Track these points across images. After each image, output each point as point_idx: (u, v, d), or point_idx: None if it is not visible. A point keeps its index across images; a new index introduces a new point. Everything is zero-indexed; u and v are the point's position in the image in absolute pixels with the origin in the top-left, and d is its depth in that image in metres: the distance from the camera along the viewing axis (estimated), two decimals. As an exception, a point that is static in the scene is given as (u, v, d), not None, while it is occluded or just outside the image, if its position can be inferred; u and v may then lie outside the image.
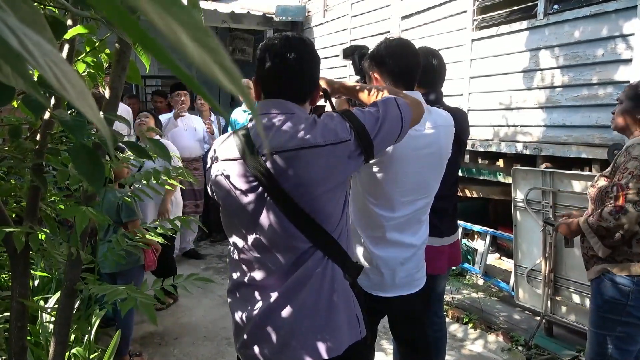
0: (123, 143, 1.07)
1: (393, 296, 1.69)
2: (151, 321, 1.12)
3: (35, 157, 1.18)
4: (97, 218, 1.15)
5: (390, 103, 1.26)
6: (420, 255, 1.75)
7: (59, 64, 0.28)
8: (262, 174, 1.15)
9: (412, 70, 1.62)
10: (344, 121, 1.19)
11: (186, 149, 4.61)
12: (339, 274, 1.23)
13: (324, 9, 6.12)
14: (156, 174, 1.48)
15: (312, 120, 1.19)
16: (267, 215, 1.17)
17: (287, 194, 1.14)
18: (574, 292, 3.03)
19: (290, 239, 1.18)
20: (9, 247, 1.20)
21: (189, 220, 1.59)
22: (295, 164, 1.13)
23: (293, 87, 1.23)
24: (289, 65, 1.20)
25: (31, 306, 1.32)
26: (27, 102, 0.85)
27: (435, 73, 2.10)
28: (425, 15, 4.42)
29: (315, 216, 1.17)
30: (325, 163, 1.15)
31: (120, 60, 1.22)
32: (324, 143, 1.14)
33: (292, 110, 1.21)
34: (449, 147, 1.71)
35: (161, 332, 3.32)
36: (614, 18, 2.92)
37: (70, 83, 0.28)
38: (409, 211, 1.64)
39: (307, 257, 1.19)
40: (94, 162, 0.88)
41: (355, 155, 1.18)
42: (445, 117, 1.71)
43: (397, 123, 1.24)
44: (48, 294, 2.57)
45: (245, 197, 1.19)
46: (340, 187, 1.21)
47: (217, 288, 4.06)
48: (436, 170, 1.68)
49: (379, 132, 1.20)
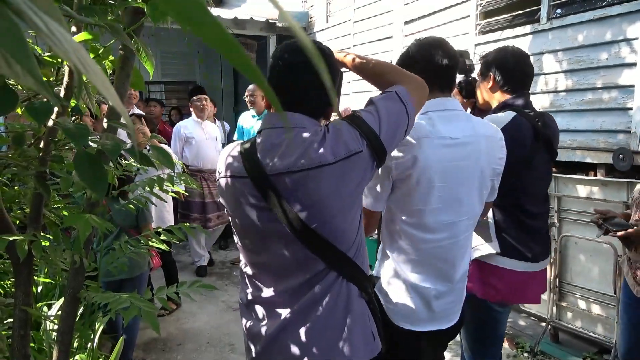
0: (126, 151, 1.06)
1: (424, 330, 1.47)
2: (154, 329, 1.11)
3: (39, 165, 1.18)
4: (100, 226, 1.14)
5: (391, 98, 1.17)
6: (460, 289, 1.54)
7: (79, 50, 0.29)
8: (271, 194, 1.08)
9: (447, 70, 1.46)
10: (353, 129, 1.10)
11: (208, 160, 4.41)
12: (354, 292, 1.16)
13: (326, 14, 6.14)
14: (159, 181, 1.47)
15: (322, 135, 1.10)
16: (278, 236, 1.11)
17: (297, 216, 1.07)
18: (580, 298, 3.01)
19: (302, 261, 1.12)
20: (12, 255, 1.20)
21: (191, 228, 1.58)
22: (305, 185, 1.06)
23: (308, 100, 1.13)
24: (304, 77, 1.11)
25: (34, 314, 1.32)
26: (31, 109, 0.84)
27: (515, 75, 1.88)
28: (428, 20, 4.42)
29: (329, 237, 1.10)
30: (338, 181, 1.07)
31: (124, 67, 1.22)
32: (334, 160, 1.06)
33: (302, 123, 1.12)
34: (492, 161, 1.48)
35: (164, 338, 3.31)
36: (618, 22, 2.91)
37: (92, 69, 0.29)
38: (447, 234, 1.43)
39: (320, 277, 1.13)
40: (97, 169, 0.88)
41: (369, 164, 1.11)
42: (489, 127, 1.51)
43: (403, 119, 1.15)
44: (52, 300, 2.57)
45: (255, 217, 1.12)
46: (354, 203, 1.14)
47: (221, 294, 4.05)
48: (472, 186, 1.44)
49: (389, 135, 1.12)
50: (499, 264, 1.83)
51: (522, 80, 1.88)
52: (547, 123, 1.87)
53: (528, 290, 1.88)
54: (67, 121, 0.90)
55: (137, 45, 1.18)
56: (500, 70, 1.87)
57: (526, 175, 1.82)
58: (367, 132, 1.09)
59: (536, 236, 1.88)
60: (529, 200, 1.85)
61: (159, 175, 1.53)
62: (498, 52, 1.91)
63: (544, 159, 1.88)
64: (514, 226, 1.83)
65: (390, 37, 4.88)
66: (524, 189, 1.83)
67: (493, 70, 1.89)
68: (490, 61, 1.91)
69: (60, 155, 1.24)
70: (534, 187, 1.87)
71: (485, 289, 1.85)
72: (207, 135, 4.45)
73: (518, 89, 1.87)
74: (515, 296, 1.87)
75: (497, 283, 1.84)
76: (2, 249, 1.14)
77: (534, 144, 1.80)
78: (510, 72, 1.86)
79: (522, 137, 1.78)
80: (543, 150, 1.86)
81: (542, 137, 1.82)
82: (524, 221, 1.84)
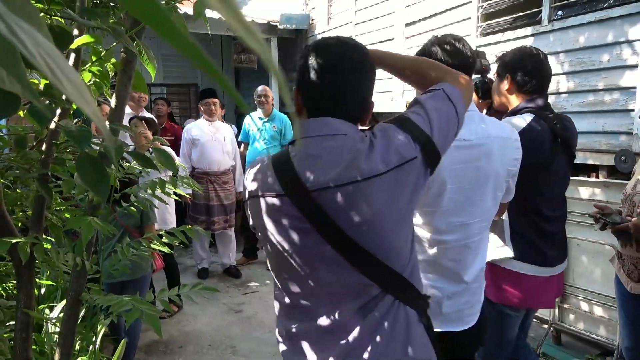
0: (128, 153, 1.06)
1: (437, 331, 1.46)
2: (156, 332, 1.11)
3: (41, 167, 1.18)
4: (102, 228, 1.14)
5: (439, 97, 1.04)
6: (475, 289, 1.49)
7: (54, 57, 0.27)
8: (314, 213, 0.95)
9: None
10: (404, 134, 0.98)
11: (215, 162, 4.34)
12: (413, 318, 1.04)
13: (327, 16, 6.14)
14: (161, 184, 1.48)
15: (369, 142, 0.97)
16: (325, 260, 0.98)
17: (346, 235, 0.94)
18: (582, 300, 3.00)
19: (354, 285, 0.99)
20: (14, 257, 1.20)
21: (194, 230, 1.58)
22: (355, 200, 0.93)
23: (347, 104, 1.01)
24: (344, 77, 0.99)
25: (36, 317, 1.32)
26: (33, 112, 0.85)
27: (534, 77, 1.83)
28: (430, 22, 4.42)
29: (384, 257, 0.98)
30: (391, 193, 0.95)
31: (126, 70, 1.22)
32: (385, 169, 0.94)
33: (342, 130, 0.99)
34: (507, 162, 1.46)
35: (166, 341, 3.30)
36: (619, 24, 2.91)
37: (67, 76, 0.27)
38: (458, 236, 1.40)
39: (375, 303, 1.00)
40: (99, 171, 0.88)
41: (422, 173, 0.99)
42: (504, 128, 1.48)
43: (453, 120, 1.04)
44: (54, 302, 2.57)
45: (296, 240, 0.99)
46: (408, 217, 1.03)
47: (222, 296, 4.05)
48: (485, 188, 1.42)
49: (441, 138, 1.01)
50: (514, 268, 1.81)
51: (540, 82, 1.83)
52: (565, 125, 1.84)
53: (543, 295, 1.84)
54: (69, 123, 0.90)
55: (139, 48, 1.18)
56: (518, 71, 1.83)
57: (544, 179, 1.79)
58: (420, 137, 0.98)
59: (553, 240, 1.85)
60: (546, 203, 1.82)
61: (160, 178, 1.53)
62: (516, 53, 1.87)
63: (563, 162, 1.85)
64: (530, 230, 1.80)
65: (391, 39, 4.88)
66: (541, 192, 1.81)
67: (511, 72, 1.85)
68: (507, 62, 1.87)
69: (62, 158, 1.24)
70: (551, 190, 1.85)
71: (499, 293, 1.83)
72: (214, 137, 4.35)
73: (536, 91, 1.83)
74: (530, 301, 1.84)
75: (511, 287, 1.82)
76: (4, 252, 1.14)
77: (552, 146, 1.78)
78: (528, 74, 1.81)
79: (540, 140, 1.75)
80: (562, 153, 1.83)
81: (561, 140, 1.79)
82: (541, 225, 1.81)
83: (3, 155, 1.31)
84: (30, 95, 0.30)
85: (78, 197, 1.31)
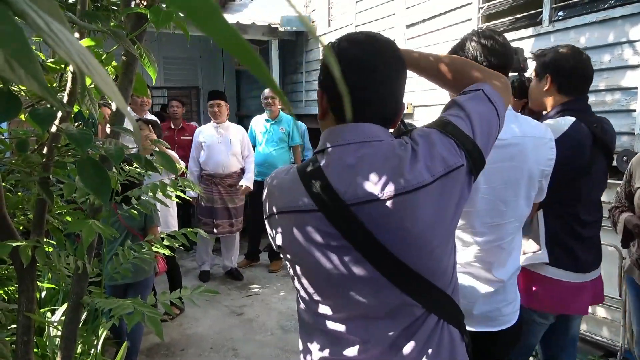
0: (130, 156, 1.06)
1: (470, 330, 1.35)
2: (158, 335, 1.11)
3: (42, 170, 1.18)
4: (103, 232, 1.14)
5: (479, 98, 0.97)
6: (510, 287, 1.45)
7: (83, 51, 0.29)
8: (353, 230, 0.86)
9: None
10: (448, 139, 0.90)
11: (219, 165, 4.29)
12: (456, 337, 0.97)
13: (328, 18, 6.15)
14: (162, 186, 1.48)
15: (411, 149, 0.88)
16: (364, 279, 0.89)
17: (389, 252, 0.86)
18: (585, 301, 2.98)
19: (396, 306, 0.90)
20: (15, 260, 1.20)
21: (196, 233, 1.58)
22: (399, 214, 0.85)
23: (379, 106, 0.92)
24: (376, 76, 0.90)
25: (37, 320, 1.32)
26: (35, 115, 0.84)
27: (575, 77, 1.76)
28: (430, 24, 4.43)
29: (428, 274, 0.89)
30: (437, 204, 0.87)
31: (127, 73, 1.22)
32: (431, 179, 0.85)
33: (378, 136, 0.90)
34: (541, 162, 1.42)
35: (167, 344, 3.30)
36: (620, 24, 2.90)
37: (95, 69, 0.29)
38: (492, 237, 1.37)
39: (419, 324, 0.92)
40: (101, 175, 0.88)
41: (467, 180, 0.91)
42: (538, 127, 1.43)
43: (494, 122, 0.96)
44: (55, 306, 2.57)
45: (331, 259, 0.89)
46: (453, 231, 0.94)
47: (224, 299, 4.05)
48: (518, 188, 1.38)
49: (483, 143, 0.93)
50: (548, 274, 1.76)
51: (581, 83, 1.77)
52: (605, 128, 1.78)
53: (575, 301, 1.79)
54: (70, 127, 0.90)
55: (140, 51, 1.18)
56: (558, 71, 1.76)
57: (584, 183, 1.75)
58: (465, 142, 0.90)
59: (588, 245, 1.80)
60: (584, 208, 1.77)
61: (162, 180, 1.53)
62: (557, 52, 1.79)
63: (602, 166, 1.81)
64: (566, 235, 1.76)
65: (392, 41, 4.88)
66: (580, 197, 1.76)
67: (551, 71, 1.78)
68: (547, 62, 1.80)
69: (63, 161, 1.24)
70: (590, 195, 1.79)
71: (530, 298, 1.78)
72: (221, 140, 4.31)
73: (576, 92, 1.76)
74: (562, 307, 1.79)
75: (543, 293, 1.77)
76: (5, 255, 1.14)
77: (592, 150, 1.72)
78: (569, 74, 1.75)
79: (582, 144, 1.69)
80: (601, 157, 1.78)
81: (601, 143, 1.74)
82: (578, 230, 1.76)
83: (5, 158, 1.31)
84: (46, 93, 0.31)
85: (79, 200, 1.31)
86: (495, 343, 1.45)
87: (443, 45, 4.25)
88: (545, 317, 1.84)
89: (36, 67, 0.29)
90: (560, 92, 1.78)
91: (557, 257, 1.75)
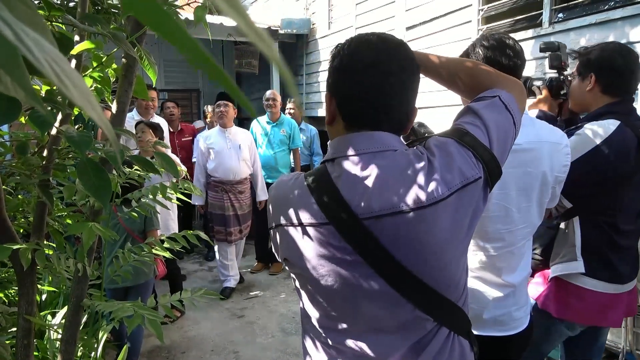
0: (130, 157, 1.06)
1: (481, 335, 1.36)
2: (158, 338, 1.11)
3: (42, 173, 1.18)
4: (104, 234, 1.14)
5: (496, 106, 0.92)
6: (521, 291, 1.43)
7: (60, 63, 0.27)
8: (366, 244, 0.82)
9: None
10: (466, 150, 0.85)
11: (230, 171, 4.10)
12: (466, 348, 0.95)
13: (328, 21, 6.16)
14: (162, 189, 1.47)
15: (426, 160, 0.84)
16: (376, 294, 0.85)
17: (403, 267, 0.83)
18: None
19: (408, 321, 0.87)
20: (15, 263, 1.20)
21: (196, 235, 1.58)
22: (414, 229, 0.81)
23: (392, 112, 0.88)
24: (389, 80, 0.86)
25: (38, 323, 1.31)
26: (34, 118, 0.84)
27: (623, 78, 1.66)
28: (430, 26, 4.43)
29: (442, 289, 0.86)
30: (453, 218, 0.83)
31: (127, 75, 1.22)
32: (448, 192, 0.82)
33: (392, 145, 0.86)
34: (555, 169, 1.37)
35: (168, 346, 3.29)
36: (620, 25, 2.90)
37: (72, 81, 0.27)
38: (504, 243, 1.36)
39: (430, 337, 0.89)
40: (101, 177, 0.88)
41: (483, 195, 0.87)
42: (554, 132, 1.39)
43: (510, 131, 0.92)
44: (55, 309, 2.57)
45: (341, 274, 0.85)
46: (468, 242, 0.90)
47: (224, 301, 4.05)
48: (531, 194, 1.36)
49: (499, 154, 0.89)
50: (583, 285, 1.69)
51: (628, 84, 1.65)
52: None
53: (610, 313, 1.71)
54: (70, 129, 0.90)
55: (140, 53, 1.19)
56: (604, 71, 1.65)
57: (626, 192, 1.66)
58: (483, 154, 0.85)
59: (626, 255, 1.72)
60: (624, 217, 1.68)
61: (162, 183, 1.53)
62: (603, 50, 1.67)
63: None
64: (604, 245, 1.68)
65: (392, 43, 4.89)
66: (621, 206, 1.67)
67: (596, 70, 1.67)
68: (593, 60, 1.68)
69: (63, 164, 1.24)
70: (630, 204, 1.70)
71: (562, 309, 1.72)
72: (230, 144, 4.10)
73: (622, 93, 1.65)
74: (597, 319, 1.72)
75: (577, 304, 1.70)
76: (5, 258, 1.14)
77: (636, 156, 1.61)
78: (616, 74, 1.64)
79: (626, 151, 1.59)
80: None
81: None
82: (616, 240, 1.68)
83: (5, 161, 1.31)
84: (34, 101, 0.30)
85: (79, 202, 1.31)
86: (506, 348, 1.43)
87: (443, 47, 4.26)
88: (572, 328, 1.77)
89: (24, 74, 0.28)
90: (605, 92, 1.67)
91: (594, 267, 1.67)
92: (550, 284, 1.70)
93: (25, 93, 0.28)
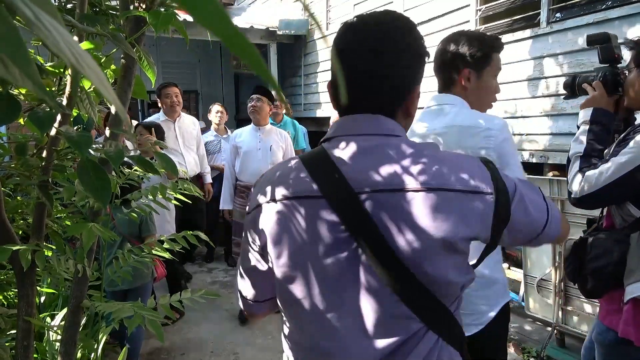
0: (130, 158, 1.06)
1: None
2: (158, 338, 1.11)
3: (42, 174, 1.18)
4: (103, 235, 1.14)
5: (532, 187, 0.89)
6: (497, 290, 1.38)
7: (74, 45, 0.28)
8: (358, 221, 0.77)
9: None
10: (483, 168, 0.82)
11: (257, 175, 3.44)
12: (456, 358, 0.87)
13: (326, 21, 6.17)
14: (162, 189, 1.47)
15: (434, 148, 0.82)
16: (361, 283, 0.80)
17: (394, 254, 0.76)
18: (586, 302, 2.98)
19: (394, 318, 0.80)
20: (15, 265, 1.20)
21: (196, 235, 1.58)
22: (413, 212, 0.76)
23: (382, 95, 0.83)
24: (383, 61, 0.81)
25: (37, 324, 1.31)
26: (34, 119, 0.84)
27: None
28: (428, 26, 4.44)
29: (433, 287, 0.79)
30: (460, 213, 0.77)
31: (126, 76, 1.22)
32: (460, 187, 0.77)
33: (394, 130, 0.83)
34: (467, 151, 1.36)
35: (168, 348, 3.29)
36: (618, 24, 2.91)
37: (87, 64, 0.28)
38: None
39: (416, 341, 0.81)
40: (100, 178, 0.88)
41: (488, 221, 0.80)
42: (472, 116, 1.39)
43: (540, 215, 0.87)
44: (55, 310, 2.56)
45: (327, 255, 0.80)
46: (467, 250, 0.82)
47: (224, 302, 4.04)
48: None
49: (516, 221, 0.83)
50: None
51: None
52: None
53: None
54: (70, 130, 0.90)
55: (139, 54, 1.19)
56: None
57: None
58: (499, 184, 0.81)
59: None
60: None
61: (161, 183, 1.53)
62: None
63: None
64: None
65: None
66: None
67: None
68: None
69: (62, 165, 1.24)
70: None
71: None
72: (260, 145, 3.66)
73: None
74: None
75: None
76: (5, 259, 1.13)
77: None
78: None
79: None
80: None
81: None
82: None
83: (4, 163, 1.31)
84: (41, 92, 0.30)
85: (79, 203, 1.31)
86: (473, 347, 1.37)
87: (441, 47, 4.26)
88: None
89: (31, 66, 0.28)
90: None
91: None
92: (628, 307, 1.44)
93: (33, 84, 0.29)
